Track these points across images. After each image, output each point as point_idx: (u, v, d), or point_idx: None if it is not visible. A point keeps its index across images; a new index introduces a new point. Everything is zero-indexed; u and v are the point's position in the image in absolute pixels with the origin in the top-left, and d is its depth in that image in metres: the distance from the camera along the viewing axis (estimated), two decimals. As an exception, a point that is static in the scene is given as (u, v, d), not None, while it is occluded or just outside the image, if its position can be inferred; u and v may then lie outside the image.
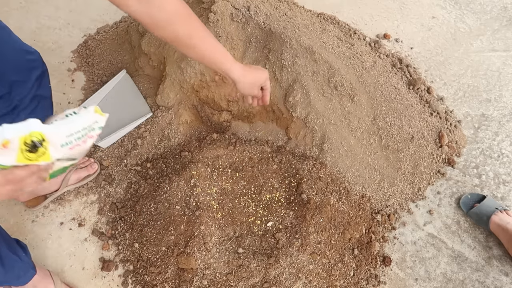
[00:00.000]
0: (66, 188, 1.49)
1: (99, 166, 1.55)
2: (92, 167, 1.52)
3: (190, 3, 1.64)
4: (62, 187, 1.47)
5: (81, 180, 1.51)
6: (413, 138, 1.58)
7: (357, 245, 1.40)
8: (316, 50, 1.50)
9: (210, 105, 1.65)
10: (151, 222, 1.39)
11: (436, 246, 1.44)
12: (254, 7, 1.52)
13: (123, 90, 1.68)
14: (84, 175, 1.51)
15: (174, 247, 1.33)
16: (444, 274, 1.38)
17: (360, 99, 1.55)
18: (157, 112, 1.66)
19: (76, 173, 1.49)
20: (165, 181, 1.45)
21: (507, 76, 1.87)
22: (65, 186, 1.48)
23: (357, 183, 1.52)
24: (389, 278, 1.37)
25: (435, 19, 2.09)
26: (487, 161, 1.62)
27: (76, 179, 1.50)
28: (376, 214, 1.49)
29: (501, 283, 1.35)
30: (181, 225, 1.35)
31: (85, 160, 1.53)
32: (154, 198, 1.44)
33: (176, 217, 1.37)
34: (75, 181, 1.50)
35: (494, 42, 1.99)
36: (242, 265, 1.31)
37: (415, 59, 1.92)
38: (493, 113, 1.75)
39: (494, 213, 1.41)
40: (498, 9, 2.14)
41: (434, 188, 1.56)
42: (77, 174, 1.49)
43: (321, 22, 1.85)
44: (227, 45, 1.51)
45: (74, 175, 1.49)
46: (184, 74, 1.55)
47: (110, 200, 1.51)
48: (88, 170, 1.51)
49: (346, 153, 1.53)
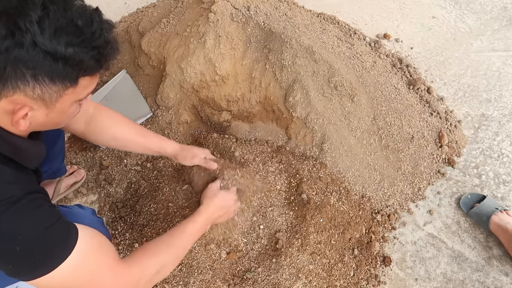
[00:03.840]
0: (58, 198, 1.49)
1: (85, 172, 1.56)
2: (78, 173, 1.53)
3: (190, 3, 1.64)
4: (54, 198, 1.47)
5: (69, 187, 1.51)
6: (413, 138, 1.58)
7: (357, 245, 1.40)
8: (316, 50, 1.50)
9: (210, 105, 1.65)
10: (151, 222, 1.39)
11: (436, 246, 1.44)
12: (254, 7, 1.52)
13: (123, 90, 1.68)
14: (72, 182, 1.51)
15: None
16: (444, 274, 1.38)
17: (360, 99, 1.55)
18: (157, 112, 1.66)
19: (65, 182, 1.50)
20: (165, 181, 1.45)
21: (507, 76, 1.87)
22: (56, 196, 1.48)
23: (357, 183, 1.52)
24: (389, 278, 1.37)
25: (435, 19, 2.09)
26: (487, 161, 1.62)
27: (65, 187, 1.51)
28: (376, 214, 1.49)
29: (501, 283, 1.35)
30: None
31: (69, 168, 1.54)
32: (154, 198, 1.44)
33: (176, 217, 1.37)
34: (64, 189, 1.51)
35: (494, 42, 1.99)
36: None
37: (415, 59, 1.92)
38: (493, 113, 1.75)
39: (494, 213, 1.41)
40: (498, 9, 2.14)
41: (434, 188, 1.56)
42: (65, 182, 1.50)
43: (321, 22, 1.85)
44: (227, 45, 1.51)
45: (63, 184, 1.50)
46: (184, 74, 1.55)
47: (110, 200, 1.51)
48: (76, 176, 1.52)
49: (346, 153, 1.53)
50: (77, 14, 0.64)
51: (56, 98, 0.69)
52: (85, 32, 0.65)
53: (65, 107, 0.73)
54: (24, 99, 0.66)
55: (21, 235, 0.69)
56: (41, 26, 0.60)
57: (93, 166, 1.59)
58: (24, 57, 0.61)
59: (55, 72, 0.65)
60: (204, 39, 1.49)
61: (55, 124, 0.77)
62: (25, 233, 0.69)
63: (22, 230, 0.69)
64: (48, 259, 0.71)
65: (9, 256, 0.69)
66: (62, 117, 0.76)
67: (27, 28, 0.60)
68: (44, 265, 0.70)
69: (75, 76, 0.68)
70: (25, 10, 0.60)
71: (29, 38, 0.60)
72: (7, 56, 0.60)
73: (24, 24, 0.59)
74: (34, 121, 0.71)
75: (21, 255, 0.69)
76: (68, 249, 0.73)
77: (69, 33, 0.63)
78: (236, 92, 1.60)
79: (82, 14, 0.65)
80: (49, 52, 0.62)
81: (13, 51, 0.60)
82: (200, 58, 1.51)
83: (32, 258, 0.69)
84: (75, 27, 0.64)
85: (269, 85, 1.56)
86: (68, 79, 0.67)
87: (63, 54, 0.63)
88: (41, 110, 0.70)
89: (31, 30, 0.60)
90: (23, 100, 0.66)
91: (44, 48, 0.61)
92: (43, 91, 0.66)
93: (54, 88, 0.67)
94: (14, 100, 0.66)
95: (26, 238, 0.69)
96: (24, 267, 0.70)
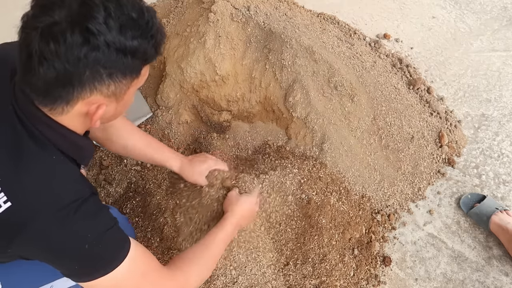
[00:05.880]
0: None
1: (86, 172, 1.55)
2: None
3: (190, 3, 1.64)
4: None
5: None
6: (413, 138, 1.58)
7: (357, 245, 1.40)
8: (316, 50, 1.50)
9: (210, 105, 1.65)
10: (152, 221, 1.39)
11: (436, 246, 1.44)
12: (254, 7, 1.52)
13: (123, 90, 1.68)
14: None
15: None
16: (444, 274, 1.38)
17: (360, 99, 1.55)
18: (157, 112, 1.66)
19: None
20: (165, 181, 1.45)
21: (507, 76, 1.87)
22: None
23: (357, 183, 1.52)
24: (389, 278, 1.37)
25: (435, 19, 2.09)
26: (487, 161, 1.62)
27: None
28: (376, 214, 1.49)
29: (501, 283, 1.35)
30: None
31: None
32: (153, 197, 1.44)
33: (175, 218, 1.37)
34: None
35: (494, 42, 1.99)
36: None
37: (415, 59, 1.92)
38: (493, 113, 1.75)
39: (494, 213, 1.41)
40: (498, 9, 2.14)
41: (434, 188, 1.56)
42: None
43: (321, 22, 1.85)
44: (227, 45, 1.51)
45: None
46: (184, 74, 1.55)
47: (110, 200, 1.51)
48: None
49: (346, 153, 1.53)
50: (130, 7, 0.66)
51: (125, 91, 0.72)
52: (141, 24, 0.67)
53: (130, 97, 0.77)
54: (100, 98, 0.68)
55: (90, 235, 0.71)
56: (108, 26, 0.63)
57: (93, 166, 1.59)
58: (101, 58, 0.63)
59: (127, 67, 0.68)
60: (204, 39, 1.50)
61: (119, 115, 0.81)
62: (93, 234, 0.71)
63: (90, 229, 0.71)
64: (109, 261, 0.73)
65: (78, 255, 0.71)
66: (126, 107, 0.80)
67: (98, 31, 0.62)
68: (104, 267, 0.72)
69: (140, 67, 0.71)
70: (90, 14, 0.62)
71: (102, 40, 0.62)
72: (86, 61, 0.62)
73: (95, 27, 0.61)
74: (104, 117, 0.74)
75: (89, 254, 0.71)
76: (124, 251, 0.75)
77: (131, 27, 0.65)
78: (236, 92, 1.60)
79: (133, 6, 0.67)
80: (120, 49, 0.65)
81: (91, 55, 0.62)
82: (200, 58, 1.51)
83: (97, 259, 0.72)
84: (133, 20, 0.66)
85: (269, 85, 1.56)
86: (135, 71, 0.71)
87: (131, 48, 0.66)
88: (112, 105, 0.73)
89: (102, 31, 0.62)
90: (99, 100, 0.69)
91: (115, 46, 0.64)
92: (116, 87, 0.69)
93: (124, 82, 0.70)
94: (90, 101, 0.68)
95: (94, 238, 0.71)
96: (88, 268, 0.72)
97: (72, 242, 0.70)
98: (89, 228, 0.71)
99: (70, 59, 0.61)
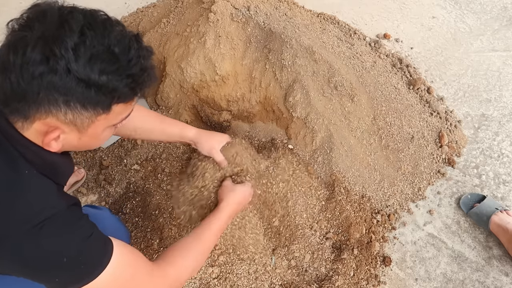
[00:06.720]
0: None
1: (86, 172, 1.55)
2: (79, 173, 1.52)
3: (190, 3, 1.64)
4: None
5: (70, 187, 1.51)
6: (413, 138, 1.58)
7: (357, 245, 1.40)
8: (316, 50, 1.50)
9: (210, 105, 1.65)
10: (151, 221, 1.39)
11: (436, 246, 1.43)
12: (254, 7, 1.52)
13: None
14: (73, 181, 1.51)
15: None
16: (444, 274, 1.38)
17: (360, 99, 1.55)
18: (157, 112, 1.66)
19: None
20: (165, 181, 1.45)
21: (507, 76, 1.87)
22: None
23: (357, 183, 1.52)
24: (389, 278, 1.37)
25: (435, 19, 2.09)
26: (487, 161, 1.62)
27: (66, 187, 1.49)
28: (376, 214, 1.49)
29: (501, 283, 1.35)
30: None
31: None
32: (153, 196, 1.43)
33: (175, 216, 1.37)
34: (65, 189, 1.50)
35: (494, 42, 1.99)
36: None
37: (415, 59, 1.92)
38: (493, 113, 1.75)
39: (494, 213, 1.41)
40: (498, 9, 2.14)
41: (434, 188, 1.56)
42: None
43: (321, 22, 1.85)
44: (227, 45, 1.51)
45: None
46: (184, 74, 1.55)
47: (110, 200, 1.51)
48: (76, 176, 1.51)
49: (346, 153, 1.53)
50: (115, 41, 0.64)
51: (88, 124, 0.69)
52: (121, 60, 0.65)
53: (98, 132, 0.73)
54: (56, 122, 0.66)
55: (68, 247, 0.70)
56: (76, 53, 0.61)
57: (93, 166, 1.59)
58: (57, 83, 0.61)
59: (87, 99, 0.65)
60: (204, 39, 1.50)
61: (88, 146, 0.77)
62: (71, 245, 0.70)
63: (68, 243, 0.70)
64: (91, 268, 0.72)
65: (57, 268, 0.70)
66: (95, 141, 0.76)
67: (61, 55, 0.60)
68: (87, 274, 0.72)
69: (108, 103, 0.68)
70: (61, 37, 0.60)
71: (63, 65, 0.60)
72: (41, 82, 0.61)
73: (59, 51, 0.60)
74: (66, 144, 0.72)
75: (68, 268, 0.70)
76: (107, 255, 0.75)
77: (104, 60, 0.63)
78: (236, 92, 1.60)
79: (120, 40, 0.65)
80: (82, 79, 0.62)
81: (46, 77, 0.61)
82: (200, 58, 1.51)
83: (78, 269, 0.71)
84: (111, 54, 0.64)
85: (269, 85, 1.56)
86: (100, 106, 0.67)
87: (96, 82, 0.63)
88: (73, 133, 0.70)
89: (66, 56, 0.60)
90: (55, 123, 0.67)
91: (77, 75, 0.62)
92: (75, 117, 0.66)
93: (86, 114, 0.67)
94: (47, 123, 0.66)
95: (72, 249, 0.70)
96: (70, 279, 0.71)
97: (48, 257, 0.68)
98: (65, 242, 0.70)
99: (24, 75, 0.60)
